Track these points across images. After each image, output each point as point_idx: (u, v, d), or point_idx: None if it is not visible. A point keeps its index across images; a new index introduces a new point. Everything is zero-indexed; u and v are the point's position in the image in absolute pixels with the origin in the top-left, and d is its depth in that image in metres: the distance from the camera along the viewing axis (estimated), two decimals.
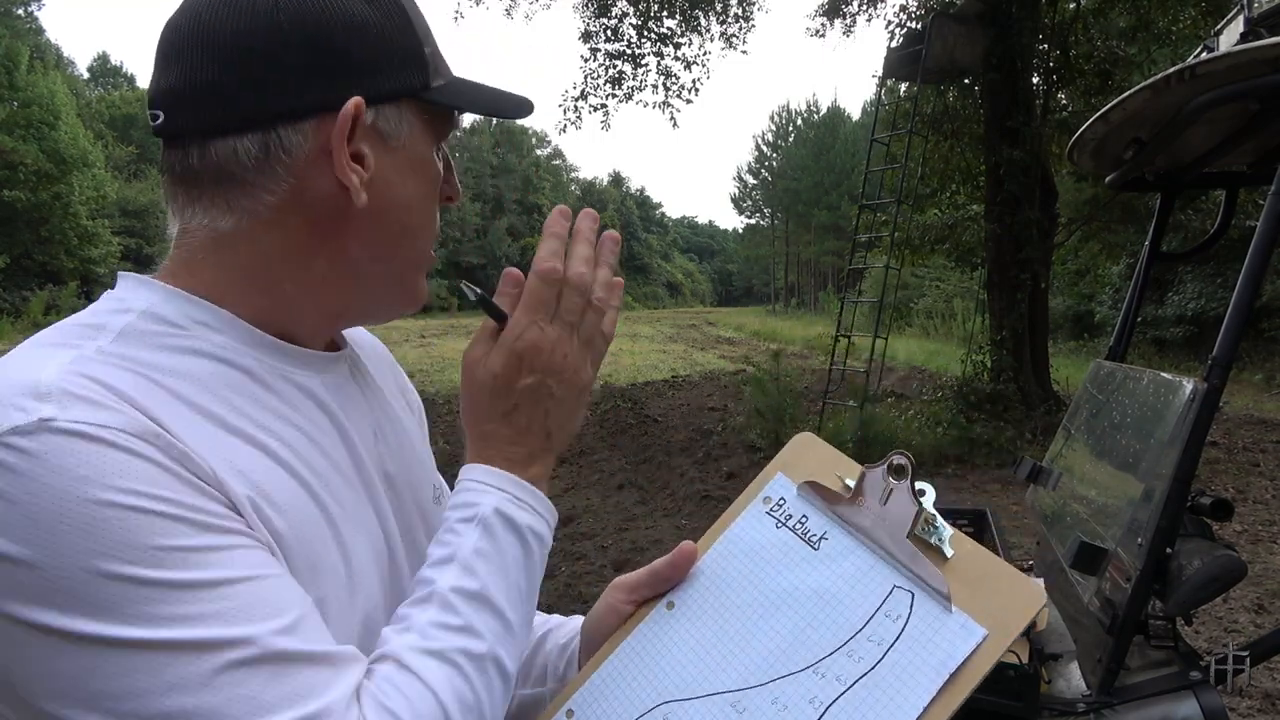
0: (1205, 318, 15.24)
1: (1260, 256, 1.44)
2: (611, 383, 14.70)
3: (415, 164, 0.73)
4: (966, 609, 0.66)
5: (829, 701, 0.66)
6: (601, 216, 0.87)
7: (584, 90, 12.57)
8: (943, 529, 0.72)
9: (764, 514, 0.79)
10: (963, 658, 0.64)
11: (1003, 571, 0.69)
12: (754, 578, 0.75)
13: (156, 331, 0.66)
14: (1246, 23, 1.68)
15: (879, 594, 0.70)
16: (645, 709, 0.71)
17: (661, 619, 0.77)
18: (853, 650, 0.68)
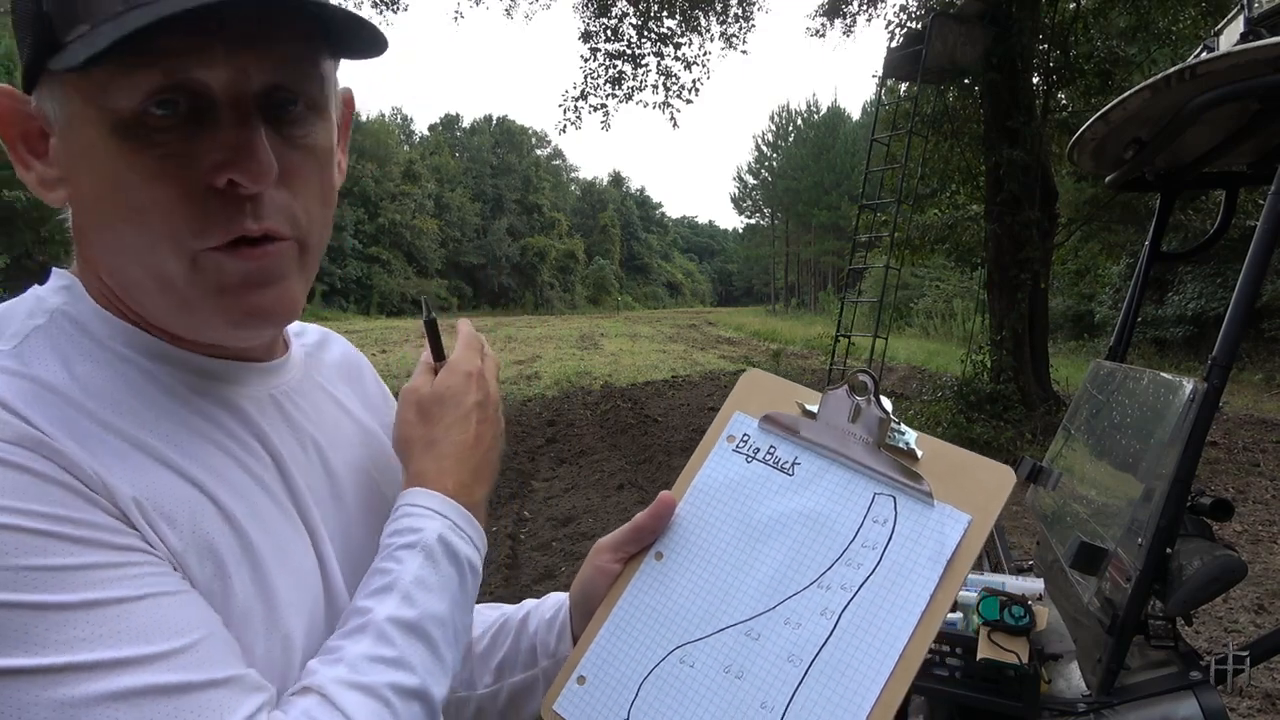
0: (1205, 318, 15.24)
1: (1260, 256, 1.44)
2: (612, 383, 14.71)
3: (83, 154, 0.59)
4: (947, 500, 0.70)
5: (840, 609, 0.68)
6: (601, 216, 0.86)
7: (584, 90, 12.60)
8: (907, 433, 0.74)
9: (731, 452, 0.80)
10: (955, 543, 0.68)
11: (972, 460, 0.73)
12: (737, 513, 0.77)
13: (68, 336, 0.62)
14: (1246, 23, 1.68)
15: (863, 504, 0.73)
16: (659, 658, 0.72)
17: (653, 570, 0.77)
18: (850, 559, 0.70)
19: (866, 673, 0.65)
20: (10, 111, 0.62)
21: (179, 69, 0.55)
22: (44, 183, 0.63)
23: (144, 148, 0.57)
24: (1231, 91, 1.45)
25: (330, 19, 0.59)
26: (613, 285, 66.36)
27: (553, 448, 9.01)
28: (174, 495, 0.59)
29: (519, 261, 57.65)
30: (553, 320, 41.29)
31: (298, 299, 0.66)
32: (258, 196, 0.59)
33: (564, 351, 21.63)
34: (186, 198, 0.58)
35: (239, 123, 0.58)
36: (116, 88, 0.56)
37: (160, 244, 0.59)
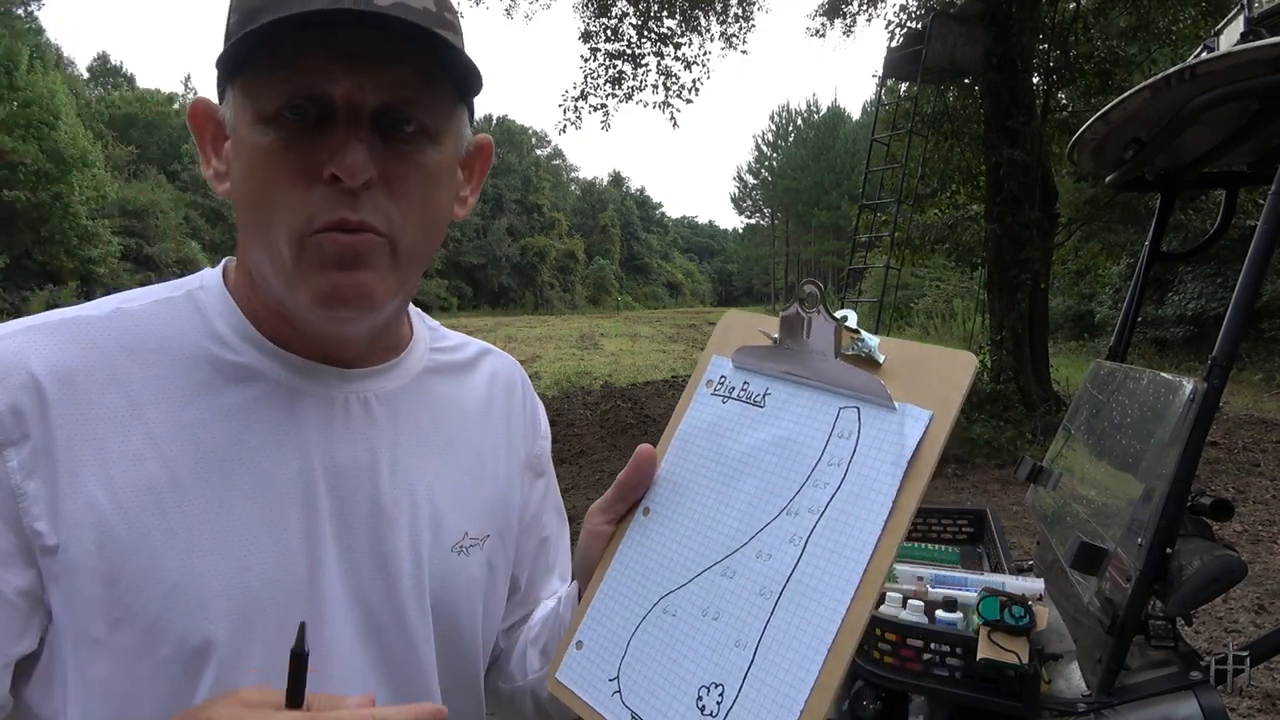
0: (1205, 318, 15.23)
1: (1260, 256, 1.44)
2: (612, 383, 14.70)
3: (237, 146, 0.70)
4: (908, 399, 0.67)
5: (806, 534, 0.67)
6: (601, 216, 0.84)
7: (584, 90, 12.59)
8: (869, 339, 0.71)
9: (709, 396, 0.79)
10: (916, 440, 0.66)
11: (932, 354, 0.69)
12: (715, 455, 0.75)
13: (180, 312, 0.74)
14: (1246, 23, 1.68)
15: (828, 421, 0.70)
16: (645, 611, 0.72)
17: (641, 526, 0.77)
18: (817, 479, 0.69)
19: (832, 593, 0.64)
20: (205, 115, 0.75)
21: (308, 83, 0.66)
22: (217, 176, 0.74)
23: (275, 139, 0.67)
24: (1231, 91, 1.45)
25: (442, 55, 0.68)
26: (613, 285, 66.36)
27: (553, 448, 8.99)
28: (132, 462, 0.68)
29: (519, 261, 57.64)
30: (553, 320, 41.29)
31: (379, 291, 0.71)
32: (358, 192, 0.67)
33: (564, 351, 21.63)
34: (302, 183, 0.67)
35: (349, 129, 0.67)
36: (263, 93, 0.67)
37: (278, 223, 0.68)
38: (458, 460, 0.85)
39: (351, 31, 0.65)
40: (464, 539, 0.83)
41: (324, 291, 0.69)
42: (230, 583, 0.69)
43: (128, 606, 0.66)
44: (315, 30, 0.64)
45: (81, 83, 43.42)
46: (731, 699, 0.65)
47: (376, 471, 0.77)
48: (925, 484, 0.64)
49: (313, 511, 0.73)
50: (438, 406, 0.85)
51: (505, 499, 0.90)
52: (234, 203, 0.73)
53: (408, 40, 0.66)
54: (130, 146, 36.48)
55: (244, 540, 0.70)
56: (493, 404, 0.91)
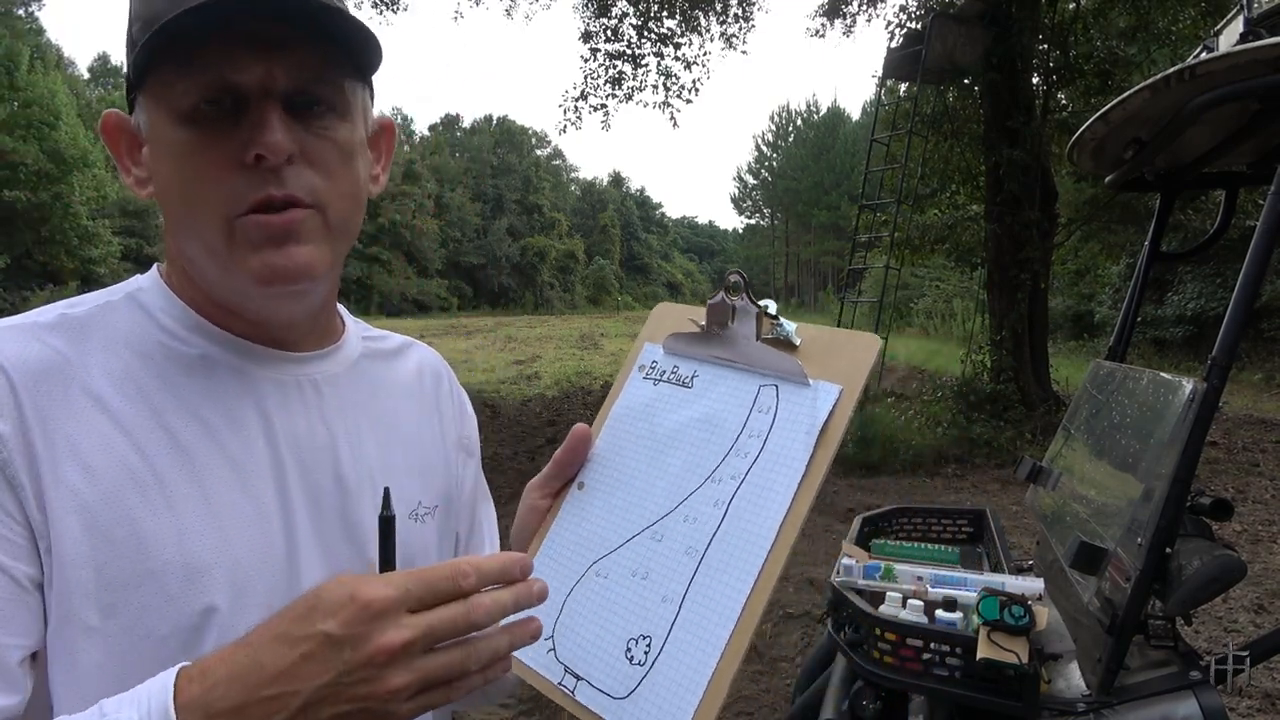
0: (1205, 318, 15.24)
1: (1260, 256, 1.44)
2: (612, 383, 14.69)
3: (157, 147, 0.73)
4: (821, 376, 0.74)
5: (729, 498, 0.73)
6: (601, 216, 0.86)
7: (584, 90, 12.59)
8: (786, 325, 0.78)
9: (641, 380, 0.85)
10: (826, 413, 0.72)
11: (843, 336, 0.77)
12: (646, 432, 0.81)
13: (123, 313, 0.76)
14: (1246, 23, 1.68)
15: (749, 398, 0.77)
16: (579, 575, 0.77)
17: (575, 499, 0.82)
18: (739, 450, 0.75)
19: (751, 547, 0.70)
20: (117, 128, 0.77)
21: (219, 74, 0.69)
22: (139, 182, 0.77)
23: (196, 134, 0.70)
24: (1231, 91, 1.46)
25: (343, 37, 0.72)
26: (613, 285, 66.31)
27: (553, 448, 8.91)
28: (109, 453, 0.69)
29: (519, 261, 57.62)
30: (553, 320, 41.28)
31: (316, 262, 0.74)
32: (280, 169, 0.70)
33: (564, 351, 21.63)
34: (225, 170, 0.70)
35: (264, 111, 0.70)
36: (175, 91, 0.70)
37: (206, 213, 0.71)
38: (404, 436, 0.89)
39: (253, 20, 0.68)
40: (419, 507, 0.88)
41: (261, 271, 0.72)
42: (220, 555, 0.71)
43: (120, 590, 0.67)
44: (216, 24, 0.67)
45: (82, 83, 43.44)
46: (658, 648, 0.70)
47: (336, 448, 0.81)
48: (835, 449, 0.71)
49: (283, 486, 0.76)
50: (378, 388, 0.89)
51: (446, 474, 0.94)
52: (161, 203, 0.75)
53: (308, 23, 0.70)
54: None
55: (226, 515, 0.72)
56: (423, 388, 0.96)
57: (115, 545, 0.67)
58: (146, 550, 0.68)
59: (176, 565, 0.69)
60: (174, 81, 0.69)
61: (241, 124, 0.70)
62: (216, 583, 0.70)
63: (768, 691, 3.63)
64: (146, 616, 0.68)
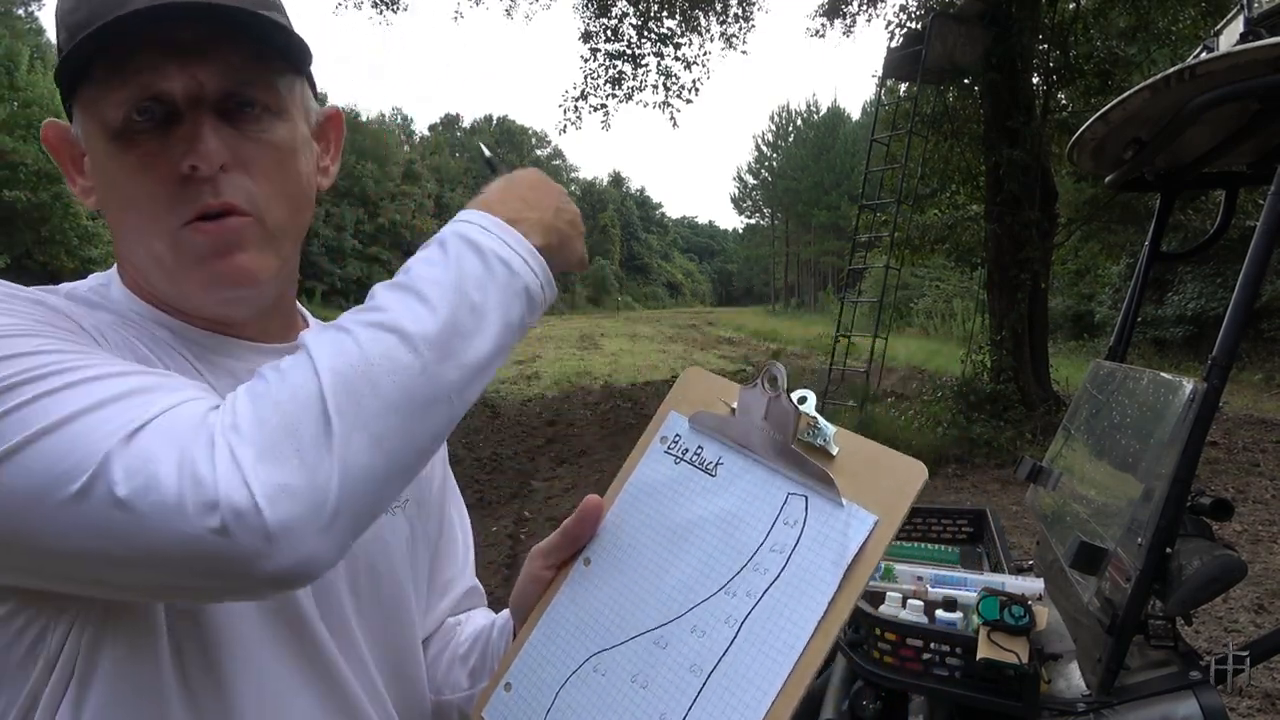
0: (1205, 318, 15.23)
1: (1260, 256, 1.44)
2: (612, 383, 14.71)
3: (95, 162, 0.73)
4: (856, 499, 0.68)
5: (743, 617, 0.68)
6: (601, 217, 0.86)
7: (584, 90, 12.61)
8: (826, 429, 0.72)
9: (663, 453, 0.80)
10: (857, 545, 0.66)
11: (885, 456, 0.70)
12: (660, 516, 0.76)
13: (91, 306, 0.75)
14: (1246, 23, 1.68)
15: (775, 504, 0.71)
16: (576, 665, 0.73)
17: (581, 577, 0.78)
18: (758, 564, 0.70)
19: (761, 681, 0.65)
20: (59, 139, 0.77)
21: (146, 84, 0.68)
22: (84, 191, 0.78)
23: (130, 148, 0.70)
24: (1231, 91, 1.45)
25: (271, 36, 0.71)
26: (613, 285, 66.30)
27: (553, 448, 9.01)
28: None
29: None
30: (553, 320, 41.27)
31: (258, 268, 0.75)
32: (216, 178, 0.70)
33: (564, 351, 21.63)
34: (163, 184, 0.70)
35: (195, 121, 0.70)
36: (105, 104, 0.69)
37: (149, 226, 0.72)
38: None
39: (176, 26, 0.67)
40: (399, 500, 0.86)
41: (206, 281, 0.73)
42: None
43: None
44: (140, 33, 0.66)
45: None
46: None
47: None
48: (862, 587, 0.66)
49: None
50: None
51: None
52: (105, 213, 0.76)
53: (233, 26, 0.69)
54: None
55: None
56: None
57: None
58: None
59: None
60: (103, 94, 0.69)
61: (174, 135, 0.70)
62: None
63: None
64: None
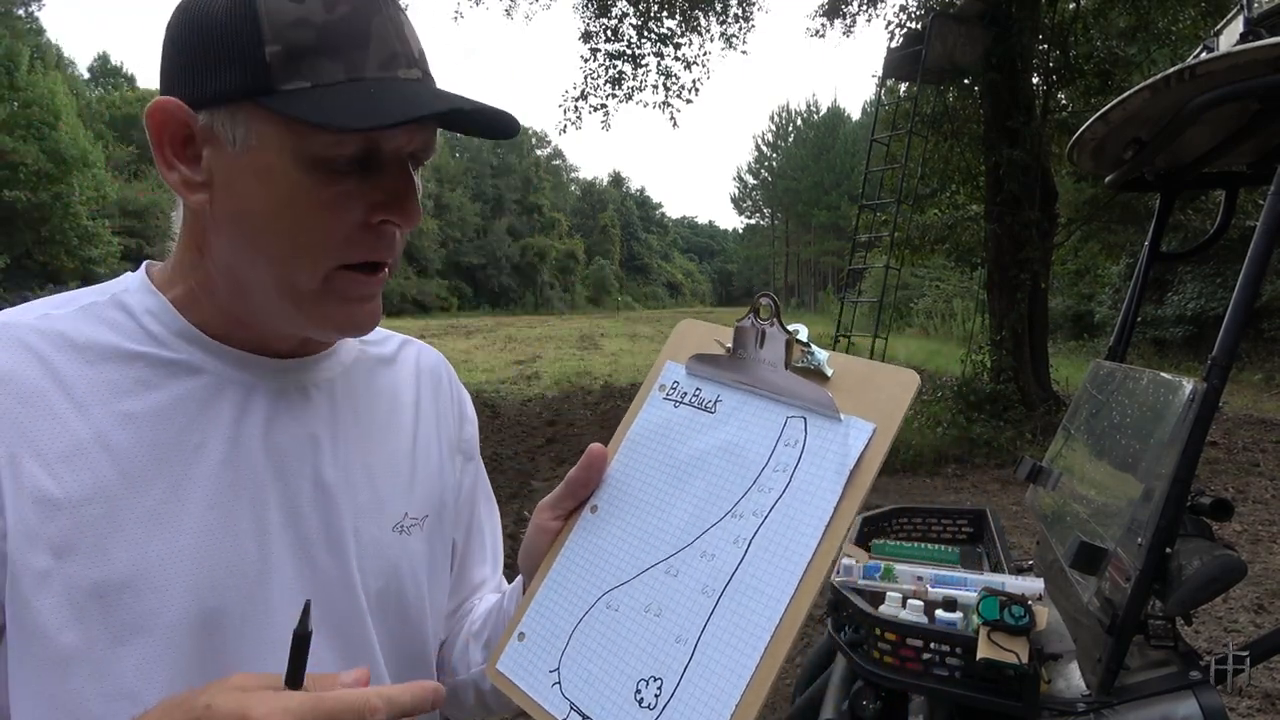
0: (1205, 318, 15.23)
1: (1260, 256, 1.44)
2: (612, 383, 14.70)
3: (259, 171, 0.68)
4: (854, 412, 0.70)
5: (750, 536, 0.69)
6: (601, 216, 0.85)
7: (584, 90, 12.59)
8: (818, 353, 0.74)
9: (661, 400, 0.81)
10: (858, 452, 0.68)
11: (878, 370, 0.72)
12: (664, 457, 0.77)
13: (103, 314, 0.74)
14: (1246, 23, 1.68)
15: (776, 428, 0.73)
16: (589, 605, 0.73)
17: (588, 523, 0.78)
18: (762, 484, 0.71)
19: (772, 592, 0.66)
20: (171, 117, 0.70)
21: (370, 142, 0.68)
22: (188, 185, 0.71)
23: (327, 184, 0.68)
24: (1231, 91, 1.45)
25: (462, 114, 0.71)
26: (613, 285, 66.31)
27: (553, 448, 9.01)
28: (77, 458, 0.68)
29: (519, 261, 57.59)
30: (553, 320, 41.29)
31: (380, 311, 0.77)
32: (397, 232, 0.72)
33: (564, 351, 21.63)
34: (345, 226, 0.69)
35: (398, 174, 0.71)
36: (323, 140, 0.67)
37: (303, 258, 0.70)
38: (393, 444, 0.87)
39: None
40: (404, 519, 0.85)
41: (343, 324, 0.74)
42: (186, 568, 0.70)
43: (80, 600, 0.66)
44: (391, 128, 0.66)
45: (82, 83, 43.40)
46: (670, 693, 0.66)
47: (318, 454, 0.79)
48: (865, 493, 0.67)
49: (258, 496, 0.75)
50: (371, 394, 0.87)
51: (440, 481, 0.92)
52: (230, 222, 0.71)
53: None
54: (130, 146, 36.47)
55: (195, 526, 0.71)
56: (421, 392, 0.94)
57: (75, 553, 0.66)
58: (109, 559, 0.67)
59: (139, 576, 0.68)
60: (316, 130, 0.66)
61: (373, 181, 0.70)
62: (181, 594, 0.69)
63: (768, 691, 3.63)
64: (109, 625, 0.66)
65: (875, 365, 0.72)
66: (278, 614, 0.74)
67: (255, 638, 0.72)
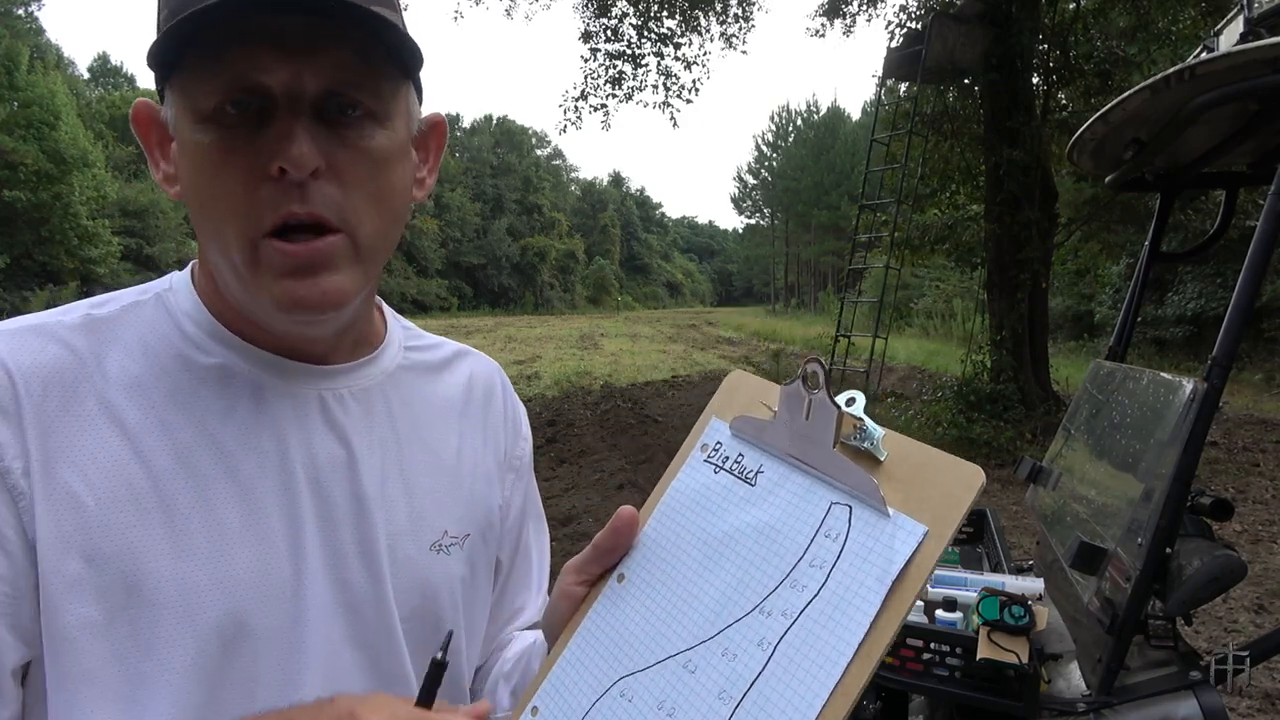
0: (1205, 318, 15.23)
1: (1260, 256, 1.44)
2: (612, 383, 14.70)
3: (182, 147, 0.68)
4: (905, 509, 0.62)
5: (776, 640, 0.62)
6: (601, 216, 0.83)
7: (584, 90, 12.59)
8: (874, 431, 0.65)
9: (702, 462, 0.74)
10: (905, 559, 0.60)
11: (939, 460, 0.64)
12: (698, 529, 0.71)
13: (147, 315, 0.74)
14: (1246, 23, 1.68)
15: (817, 515, 0.65)
16: (604, 689, 0.68)
17: (614, 594, 0.72)
18: (795, 580, 0.64)
19: (793, 711, 0.59)
20: (148, 120, 0.73)
21: (243, 74, 0.64)
22: (166, 179, 0.73)
23: (218, 139, 0.65)
24: (1231, 92, 1.45)
25: (381, 33, 0.66)
26: (613, 285, 66.32)
27: (553, 448, 9.01)
28: (111, 464, 0.67)
29: (519, 261, 57.63)
30: (553, 320, 41.29)
31: (346, 291, 0.70)
32: (306, 184, 0.66)
33: (564, 351, 21.64)
34: (246, 181, 0.65)
35: (290, 119, 0.65)
36: (198, 90, 0.65)
37: (227, 228, 0.67)
38: (435, 458, 0.83)
39: (283, 18, 0.63)
40: (443, 537, 0.82)
41: (282, 300, 0.68)
42: (218, 576, 0.68)
43: (110, 605, 0.65)
44: (244, 20, 0.62)
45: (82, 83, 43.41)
46: None
47: (355, 466, 0.76)
48: (910, 606, 0.59)
49: (293, 506, 0.73)
50: (414, 404, 0.84)
51: (485, 499, 0.88)
52: (187, 205, 0.71)
53: (344, 22, 0.64)
54: (130, 147, 36.46)
55: (227, 535, 0.69)
56: (471, 404, 0.90)
57: (106, 559, 0.65)
58: (139, 566, 0.66)
59: (169, 584, 0.66)
60: (197, 79, 0.65)
61: (266, 131, 0.65)
62: (208, 606, 0.67)
63: None
64: (137, 635, 0.66)
65: (935, 455, 0.64)
66: (309, 629, 0.72)
67: (285, 651, 0.71)
